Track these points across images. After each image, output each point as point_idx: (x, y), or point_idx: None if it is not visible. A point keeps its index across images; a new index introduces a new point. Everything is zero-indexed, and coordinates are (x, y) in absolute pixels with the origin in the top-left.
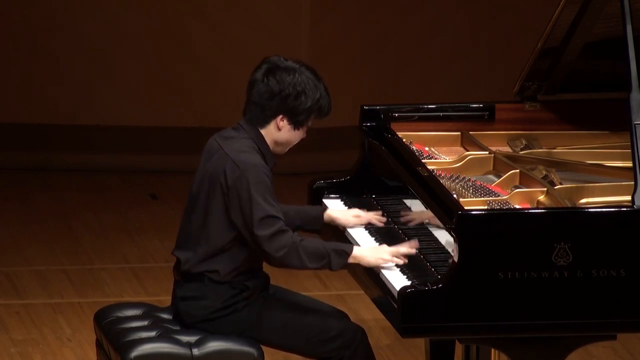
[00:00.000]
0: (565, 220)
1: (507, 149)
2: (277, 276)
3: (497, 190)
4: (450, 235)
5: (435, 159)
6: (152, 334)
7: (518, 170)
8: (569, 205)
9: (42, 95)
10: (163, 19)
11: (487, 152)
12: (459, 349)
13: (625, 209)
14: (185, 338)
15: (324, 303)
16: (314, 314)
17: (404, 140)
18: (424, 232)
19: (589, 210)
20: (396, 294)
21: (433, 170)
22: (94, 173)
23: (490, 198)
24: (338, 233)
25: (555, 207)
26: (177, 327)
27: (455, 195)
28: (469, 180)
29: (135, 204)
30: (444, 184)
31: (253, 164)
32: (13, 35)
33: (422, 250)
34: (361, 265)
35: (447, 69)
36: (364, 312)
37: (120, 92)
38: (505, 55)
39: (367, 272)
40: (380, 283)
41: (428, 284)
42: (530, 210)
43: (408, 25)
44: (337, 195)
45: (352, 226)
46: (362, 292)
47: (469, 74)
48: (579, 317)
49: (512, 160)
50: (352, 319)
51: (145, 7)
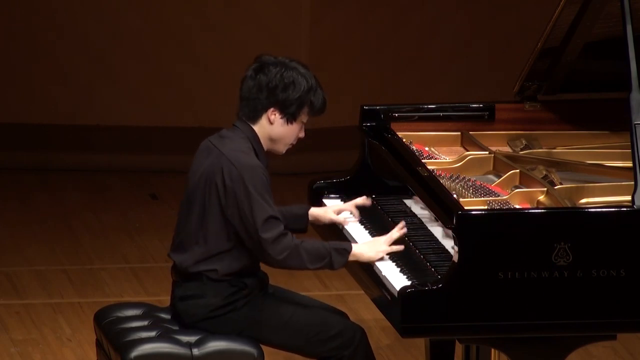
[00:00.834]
0: (565, 220)
1: (507, 149)
2: (277, 276)
3: (497, 190)
4: (450, 235)
5: (435, 159)
6: (152, 334)
7: (518, 170)
8: (569, 205)
9: (42, 95)
10: (163, 19)
11: (487, 152)
12: (459, 349)
13: (625, 209)
14: (185, 338)
15: (323, 303)
16: (313, 314)
17: (404, 140)
18: (424, 232)
19: (589, 210)
20: (396, 294)
21: (433, 170)
22: (94, 173)
23: (490, 198)
24: (337, 232)
25: (555, 207)
26: (177, 327)
27: (455, 195)
28: (469, 180)
29: (135, 204)
30: (444, 184)
31: (251, 164)
32: (14, 35)
33: (422, 250)
34: (361, 264)
35: (447, 69)
36: (364, 312)
37: (121, 92)
38: (505, 55)
39: (367, 272)
40: (380, 283)
41: (428, 284)
42: (530, 210)
43: (408, 25)
44: (337, 195)
45: (335, 220)
46: (362, 292)
47: (469, 74)
48: (579, 317)
49: (512, 160)
50: (352, 319)
51: (145, 7)
